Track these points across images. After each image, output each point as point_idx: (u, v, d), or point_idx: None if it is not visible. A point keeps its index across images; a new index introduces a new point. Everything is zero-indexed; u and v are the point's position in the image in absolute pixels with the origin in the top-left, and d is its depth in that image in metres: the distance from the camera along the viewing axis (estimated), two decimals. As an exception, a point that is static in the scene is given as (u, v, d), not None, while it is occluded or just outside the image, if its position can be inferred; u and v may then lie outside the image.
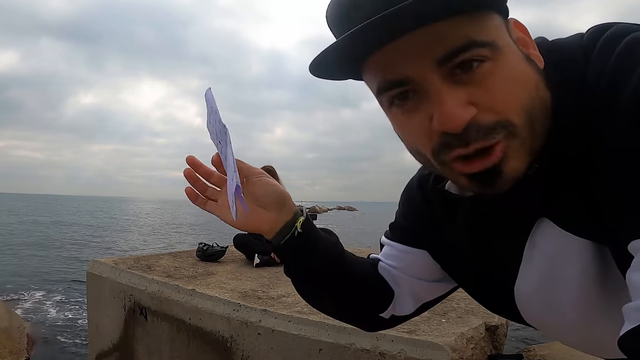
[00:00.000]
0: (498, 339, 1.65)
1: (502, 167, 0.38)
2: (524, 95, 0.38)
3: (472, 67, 0.36)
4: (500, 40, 0.38)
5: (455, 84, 0.37)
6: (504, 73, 0.37)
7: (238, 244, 3.12)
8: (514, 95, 0.37)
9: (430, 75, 0.37)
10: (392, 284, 0.63)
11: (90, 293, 2.62)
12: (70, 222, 23.44)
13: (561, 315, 0.47)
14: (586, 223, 0.41)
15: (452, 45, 0.36)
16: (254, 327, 1.72)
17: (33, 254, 10.44)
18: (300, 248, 0.55)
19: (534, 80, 0.39)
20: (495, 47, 0.37)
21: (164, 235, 17.35)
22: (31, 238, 14.19)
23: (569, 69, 0.40)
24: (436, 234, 0.57)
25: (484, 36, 0.36)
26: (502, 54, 0.37)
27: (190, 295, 2.02)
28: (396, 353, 1.41)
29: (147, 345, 2.16)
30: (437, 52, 0.36)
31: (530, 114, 0.38)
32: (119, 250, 11.90)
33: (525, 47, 0.41)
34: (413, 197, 0.61)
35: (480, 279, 0.54)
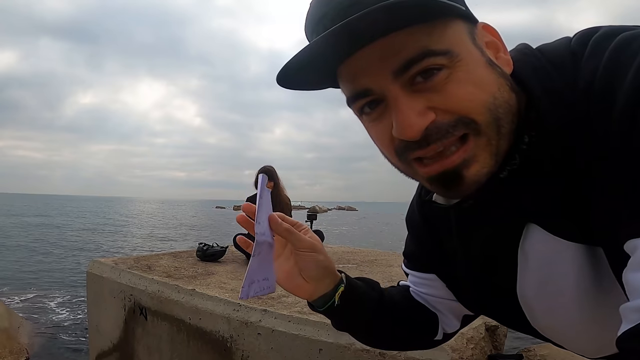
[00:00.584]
0: (498, 339, 1.65)
1: (463, 171, 0.39)
2: (485, 96, 0.38)
3: (431, 75, 0.37)
4: (458, 47, 0.38)
5: (415, 93, 0.38)
6: (462, 78, 0.37)
7: (238, 244, 3.12)
8: (474, 96, 0.37)
9: (389, 85, 0.38)
10: (431, 308, 0.65)
11: (90, 293, 2.62)
12: (70, 222, 23.44)
13: (564, 318, 0.47)
14: (574, 227, 0.41)
15: (407, 56, 0.37)
16: (254, 327, 1.72)
17: (33, 254, 10.44)
18: (341, 313, 0.57)
19: (495, 83, 0.39)
20: (452, 55, 0.37)
21: (164, 235, 17.35)
22: (31, 238, 14.18)
23: (552, 73, 0.40)
24: (438, 253, 0.58)
25: (440, 45, 0.37)
26: (461, 60, 0.38)
27: (190, 295, 2.02)
28: (396, 353, 1.41)
29: (147, 345, 2.16)
30: (393, 64, 0.37)
31: (494, 113, 0.38)
32: (119, 250, 11.90)
33: (495, 50, 0.42)
34: (414, 219, 0.62)
35: (484, 292, 0.54)
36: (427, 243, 0.60)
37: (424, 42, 0.37)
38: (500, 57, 0.42)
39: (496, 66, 0.40)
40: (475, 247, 0.51)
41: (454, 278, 0.58)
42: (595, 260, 0.42)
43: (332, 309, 0.56)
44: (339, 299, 0.56)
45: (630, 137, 0.33)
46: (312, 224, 2.82)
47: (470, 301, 0.59)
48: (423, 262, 0.62)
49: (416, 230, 0.62)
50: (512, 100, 0.40)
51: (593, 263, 0.42)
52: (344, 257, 3.35)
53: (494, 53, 0.42)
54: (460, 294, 0.59)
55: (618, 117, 0.34)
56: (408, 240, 0.66)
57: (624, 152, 0.33)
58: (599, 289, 0.43)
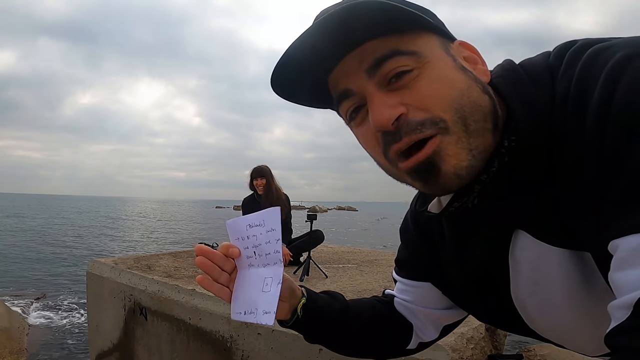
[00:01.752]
0: (498, 339, 1.65)
1: (439, 163, 0.41)
2: (453, 94, 0.40)
3: (403, 76, 0.41)
4: (427, 51, 0.42)
5: (389, 91, 0.42)
6: (431, 77, 0.41)
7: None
8: (442, 94, 0.40)
9: (364, 84, 0.42)
10: (409, 317, 0.66)
11: (90, 293, 2.62)
12: (70, 222, 23.44)
13: (557, 319, 0.48)
14: (558, 232, 0.43)
15: (378, 56, 0.41)
16: (254, 327, 1.72)
17: (33, 254, 10.45)
18: (306, 325, 0.61)
19: (464, 83, 0.41)
20: (420, 56, 0.41)
21: (164, 235, 17.35)
22: (31, 238, 14.19)
23: (530, 86, 0.42)
24: (434, 263, 0.60)
25: (409, 47, 0.41)
26: (429, 61, 0.41)
27: (190, 295, 2.02)
28: (396, 353, 1.41)
29: (147, 345, 2.16)
30: (366, 64, 0.42)
31: (460, 111, 0.40)
32: (119, 250, 11.90)
33: (473, 63, 0.45)
34: (408, 230, 0.65)
35: (481, 298, 0.55)
36: (421, 253, 0.62)
37: (394, 45, 0.41)
38: (478, 69, 0.44)
39: (468, 71, 0.43)
40: (468, 253, 0.53)
41: (451, 285, 0.59)
42: (582, 264, 0.43)
43: (298, 321, 0.59)
44: (301, 311, 0.59)
45: (602, 140, 0.34)
46: (312, 223, 2.82)
47: (469, 307, 0.60)
48: (417, 270, 0.64)
49: (411, 241, 0.64)
50: (484, 101, 0.42)
51: (580, 267, 0.43)
52: (344, 257, 3.35)
53: (472, 65, 0.44)
54: (460, 300, 0.60)
55: (590, 122, 0.35)
56: (401, 249, 0.68)
57: (598, 155, 0.35)
58: (590, 292, 0.44)
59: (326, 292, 0.66)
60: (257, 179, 3.21)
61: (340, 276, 2.58)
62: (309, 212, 2.89)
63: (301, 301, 0.59)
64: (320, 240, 3.19)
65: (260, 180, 3.20)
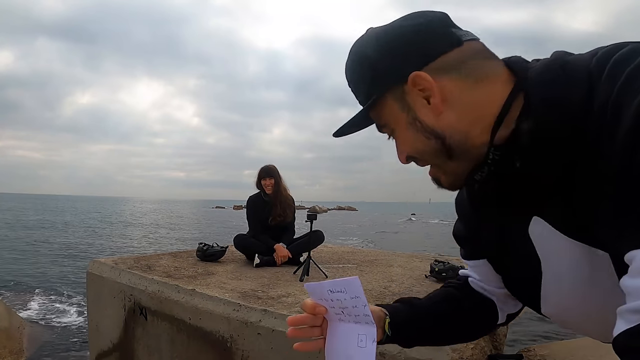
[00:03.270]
0: (498, 339, 1.65)
1: (440, 180, 0.56)
2: (409, 146, 0.55)
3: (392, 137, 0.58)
4: (390, 121, 0.56)
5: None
6: (398, 137, 0.56)
7: (238, 244, 3.11)
8: (406, 146, 0.56)
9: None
10: (487, 294, 0.70)
11: (90, 293, 2.62)
12: (70, 222, 23.44)
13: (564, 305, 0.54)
14: (572, 227, 0.47)
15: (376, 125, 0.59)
16: (254, 327, 1.72)
17: (33, 254, 10.44)
18: (398, 338, 0.67)
19: (412, 139, 0.54)
20: (389, 127, 0.57)
21: (164, 235, 17.34)
22: (31, 238, 14.18)
23: (561, 88, 0.44)
24: (483, 236, 0.64)
25: (380, 121, 0.57)
26: (394, 129, 0.56)
27: (190, 295, 2.02)
28: (396, 353, 1.41)
29: (147, 345, 2.16)
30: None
31: (420, 155, 0.55)
32: (119, 250, 11.90)
33: (427, 97, 0.51)
34: (460, 200, 0.69)
35: (509, 265, 0.61)
36: (473, 223, 0.66)
37: (376, 119, 0.58)
38: (432, 104, 0.51)
39: (417, 121, 0.52)
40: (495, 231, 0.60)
41: (494, 259, 0.64)
42: (591, 260, 0.46)
43: (390, 338, 0.66)
44: (389, 330, 0.65)
45: (632, 162, 0.36)
46: (312, 223, 2.82)
47: (508, 284, 0.64)
48: (473, 247, 0.68)
49: (463, 210, 0.69)
50: (428, 146, 0.53)
51: (589, 262, 0.47)
52: (344, 257, 3.35)
53: (424, 101, 0.51)
54: (502, 275, 0.65)
55: (622, 142, 0.37)
56: (457, 224, 0.72)
57: (625, 175, 0.36)
58: (593, 288, 0.48)
59: (400, 301, 0.71)
60: (265, 178, 3.18)
61: (340, 276, 2.58)
62: (309, 212, 2.88)
63: (386, 320, 0.65)
64: (320, 241, 3.19)
65: (269, 180, 3.18)
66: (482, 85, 0.49)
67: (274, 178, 3.18)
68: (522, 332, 4.40)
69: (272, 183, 3.17)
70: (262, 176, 3.19)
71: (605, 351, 1.66)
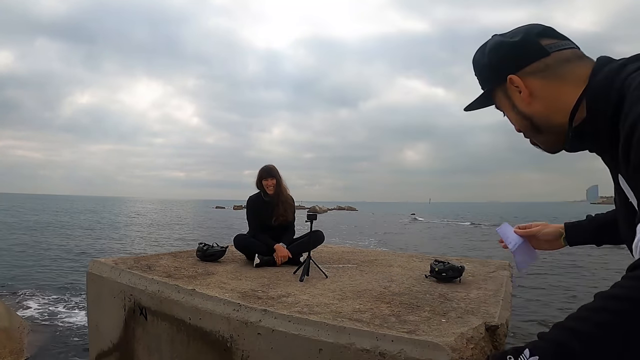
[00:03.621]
0: (498, 339, 1.65)
1: (538, 147, 0.82)
2: (515, 124, 0.82)
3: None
4: (502, 104, 0.82)
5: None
6: (508, 116, 0.83)
7: (238, 244, 3.12)
8: (514, 122, 0.82)
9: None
10: None
11: (90, 293, 2.62)
12: (69, 222, 23.43)
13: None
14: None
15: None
16: (254, 327, 1.72)
17: (33, 254, 10.44)
18: (575, 243, 1.07)
19: (514, 118, 0.81)
20: (501, 109, 0.84)
21: (164, 235, 17.34)
22: (31, 238, 14.18)
23: (606, 94, 0.66)
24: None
25: (497, 105, 0.85)
26: (504, 109, 0.83)
27: (190, 295, 2.02)
28: (396, 353, 1.41)
29: (147, 345, 2.16)
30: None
31: (522, 128, 0.81)
32: (119, 250, 11.89)
33: (519, 92, 0.77)
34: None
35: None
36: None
37: (495, 103, 0.85)
38: (522, 96, 0.77)
39: (515, 107, 0.79)
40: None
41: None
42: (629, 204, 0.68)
43: (567, 246, 1.08)
44: (564, 241, 1.07)
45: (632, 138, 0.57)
46: (312, 224, 2.82)
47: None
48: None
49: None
50: (521, 123, 0.80)
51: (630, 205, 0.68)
52: (344, 257, 3.35)
53: (518, 94, 0.77)
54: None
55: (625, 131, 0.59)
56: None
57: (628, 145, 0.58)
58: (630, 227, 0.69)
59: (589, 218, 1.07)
60: (267, 179, 3.16)
61: (340, 276, 2.58)
62: (309, 212, 2.88)
63: (562, 236, 1.07)
64: (320, 241, 3.19)
65: (271, 181, 3.16)
66: (561, 85, 0.73)
67: (275, 178, 3.17)
68: (522, 332, 4.40)
69: (273, 183, 3.16)
70: (264, 176, 3.17)
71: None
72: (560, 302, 6.18)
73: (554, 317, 5.01)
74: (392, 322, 1.62)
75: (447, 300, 1.99)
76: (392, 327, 1.55)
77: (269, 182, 3.16)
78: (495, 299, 1.99)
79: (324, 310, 1.77)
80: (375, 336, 1.47)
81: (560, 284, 7.54)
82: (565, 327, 0.50)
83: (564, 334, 0.49)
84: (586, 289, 7.08)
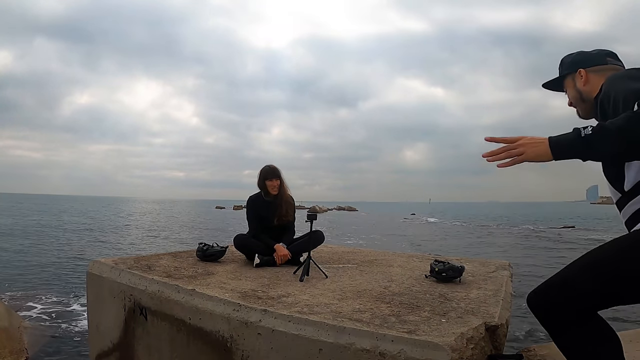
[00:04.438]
0: (498, 339, 1.65)
1: (579, 113, 1.46)
2: (573, 96, 1.44)
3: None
4: (567, 86, 1.46)
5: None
6: (569, 94, 1.46)
7: (238, 244, 3.11)
8: (571, 96, 1.45)
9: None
10: None
11: (90, 293, 2.62)
12: (69, 222, 23.44)
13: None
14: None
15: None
16: (254, 327, 1.72)
17: (33, 254, 10.44)
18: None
19: (574, 95, 1.43)
20: (565, 89, 1.48)
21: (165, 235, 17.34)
22: (31, 238, 14.18)
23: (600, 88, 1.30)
24: None
25: (565, 88, 1.48)
26: (568, 89, 1.46)
27: (190, 295, 2.02)
28: (396, 353, 1.41)
29: (147, 345, 2.16)
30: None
31: (574, 99, 1.44)
32: (119, 250, 11.90)
33: (581, 78, 1.39)
34: None
35: None
36: None
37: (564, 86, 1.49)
38: (584, 81, 1.38)
39: (576, 86, 1.41)
40: None
41: None
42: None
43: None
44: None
45: (599, 104, 1.26)
46: (312, 224, 2.81)
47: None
48: None
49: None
50: (577, 100, 1.42)
51: None
52: (344, 257, 3.35)
53: (581, 80, 1.39)
54: None
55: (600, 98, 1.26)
56: None
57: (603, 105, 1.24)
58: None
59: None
60: (272, 179, 3.14)
61: (340, 276, 2.58)
62: (309, 212, 2.88)
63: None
64: (320, 241, 3.19)
65: (275, 181, 3.14)
66: (600, 79, 1.29)
67: (279, 179, 3.16)
68: (522, 332, 4.40)
69: (277, 184, 3.15)
70: (268, 177, 3.15)
71: (605, 351, 1.62)
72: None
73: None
74: (392, 322, 1.62)
75: (447, 300, 1.99)
76: (392, 327, 1.56)
77: (273, 182, 3.14)
78: (495, 299, 1.99)
79: (324, 310, 1.77)
80: (375, 336, 1.47)
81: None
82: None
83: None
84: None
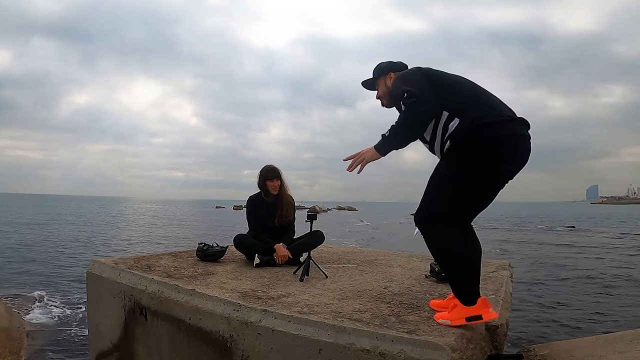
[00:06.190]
0: (498, 339, 1.65)
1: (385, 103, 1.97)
2: (383, 91, 1.86)
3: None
4: (380, 84, 1.87)
5: None
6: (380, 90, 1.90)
7: (238, 244, 3.11)
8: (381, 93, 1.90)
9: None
10: None
11: (90, 293, 2.62)
12: (69, 222, 23.43)
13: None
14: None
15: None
16: (254, 327, 1.72)
17: (33, 254, 10.44)
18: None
19: (386, 90, 1.84)
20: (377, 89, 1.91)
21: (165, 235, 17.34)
22: (31, 238, 14.18)
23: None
24: None
25: (377, 87, 1.90)
26: (380, 87, 1.88)
27: (190, 295, 2.02)
28: (396, 353, 1.41)
29: (147, 345, 2.16)
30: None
31: (384, 94, 1.85)
32: (119, 250, 11.89)
33: (389, 79, 1.82)
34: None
35: None
36: None
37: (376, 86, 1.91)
38: (391, 80, 1.81)
39: (386, 85, 1.83)
40: None
41: None
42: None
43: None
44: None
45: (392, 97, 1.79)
46: (312, 224, 2.81)
47: None
48: None
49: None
50: (388, 92, 1.85)
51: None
52: (344, 257, 3.35)
53: (389, 79, 1.82)
54: None
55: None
56: None
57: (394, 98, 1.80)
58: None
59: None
60: (273, 180, 3.13)
61: (340, 276, 2.58)
62: (309, 212, 2.88)
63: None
64: (320, 241, 3.18)
65: (276, 182, 3.14)
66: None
67: (280, 179, 3.16)
68: (522, 332, 4.40)
69: (278, 184, 3.15)
70: (269, 177, 3.14)
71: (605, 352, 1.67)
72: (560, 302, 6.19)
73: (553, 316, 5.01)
74: (392, 322, 1.62)
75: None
76: (392, 327, 1.56)
77: (274, 182, 3.14)
78: (495, 299, 1.99)
79: (324, 310, 1.77)
80: (375, 336, 1.47)
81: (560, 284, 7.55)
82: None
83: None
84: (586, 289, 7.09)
